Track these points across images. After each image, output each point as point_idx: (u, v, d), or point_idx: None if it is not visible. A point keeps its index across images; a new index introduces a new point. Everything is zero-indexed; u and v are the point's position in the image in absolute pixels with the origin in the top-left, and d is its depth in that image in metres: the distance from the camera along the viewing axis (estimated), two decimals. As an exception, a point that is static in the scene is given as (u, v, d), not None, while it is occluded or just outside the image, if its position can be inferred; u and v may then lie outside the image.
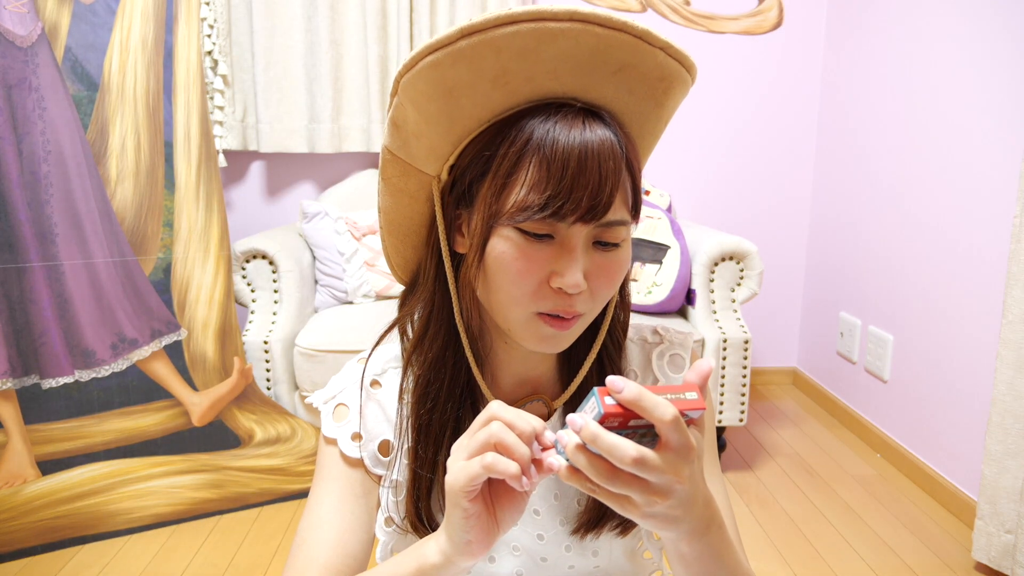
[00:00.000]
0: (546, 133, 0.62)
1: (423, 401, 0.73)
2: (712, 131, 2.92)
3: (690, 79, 0.67)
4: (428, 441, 0.72)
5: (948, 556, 1.91)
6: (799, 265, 3.07)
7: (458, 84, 0.63)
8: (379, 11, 2.59)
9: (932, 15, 2.24)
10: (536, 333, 0.67)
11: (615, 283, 0.68)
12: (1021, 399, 1.68)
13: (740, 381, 2.25)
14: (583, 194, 0.61)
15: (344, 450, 0.74)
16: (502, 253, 0.64)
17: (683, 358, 0.80)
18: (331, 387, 0.78)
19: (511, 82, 0.63)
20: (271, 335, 2.17)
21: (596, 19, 0.60)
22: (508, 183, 0.63)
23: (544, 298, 0.65)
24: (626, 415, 0.51)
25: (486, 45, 0.61)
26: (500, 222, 0.64)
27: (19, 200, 1.84)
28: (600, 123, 0.63)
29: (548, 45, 0.61)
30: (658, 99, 0.66)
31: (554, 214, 0.61)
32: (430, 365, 0.73)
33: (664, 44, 0.63)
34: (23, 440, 1.88)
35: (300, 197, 2.83)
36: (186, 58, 2.03)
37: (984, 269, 2.02)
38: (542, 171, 0.61)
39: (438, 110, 0.65)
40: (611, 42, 0.61)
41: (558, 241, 0.64)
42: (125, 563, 1.84)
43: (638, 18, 3.09)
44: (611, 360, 0.76)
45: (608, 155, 0.62)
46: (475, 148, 0.66)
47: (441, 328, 0.72)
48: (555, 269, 0.64)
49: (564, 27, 0.60)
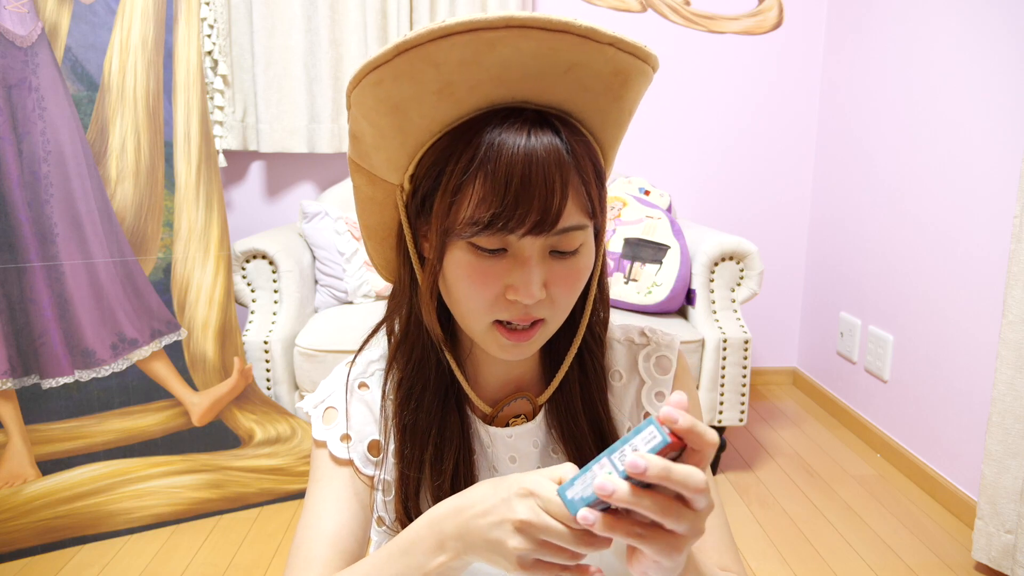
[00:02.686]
0: (491, 146, 0.61)
1: (407, 402, 0.73)
2: (712, 131, 2.92)
3: (649, 69, 0.65)
4: (414, 441, 0.73)
5: (948, 556, 1.91)
6: (799, 265, 3.07)
7: (403, 99, 0.62)
8: (379, 11, 2.59)
9: (932, 15, 2.24)
10: (496, 342, 0.67)
11: (575, 290, 0.68)
12: (1021, 399, 1.68)
13: (740, 381, 2.25)
14: (528, 208, 0.60)
15: (333, 451, 0.75)
16: (456, 268, 0.65)
17: (669, 360, 0.80)
18: (320, 391, 0.79)
19: (456, 92, 0.62)
20: (271, 335, 2.17)
21: (534, 23, 0.59)
22: (456, 199, 0.63)
23: (501, 308, 0.65)
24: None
25: (423, 60, 0.60)
26: (452, 238, 0.64)
27: (19, 200, 1.84)
28: (548, 130, 0.62)
29: (487, 54, 0.60)
30: (616, 93, 0.65)
31: (501, 230, 0.61)
32: (413, 366, 0.73)
33: (612, 39, 0.61)
34: (23, 440, 1.88)
35: (300, 197, 2.83)
36: (186, 58, 2.03)
37: (984, 269, 2.02)
38: (487, 187, 0.61)
39: (389, 124, 0.65)
40: (554, 44, 0.60)
41: (511, 254, 0.64)
42: (125, 563, 1.84)
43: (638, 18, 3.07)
44: (592, 357, 0.76)
45: (555, 165, 0.61)
46: (430, 159, 0.66)
47: (421, 330, 0.73)
48: (510, 282, 0.64)
49: (500, 35, 0.59)
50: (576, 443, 0.75)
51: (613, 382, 0.79)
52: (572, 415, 0.75)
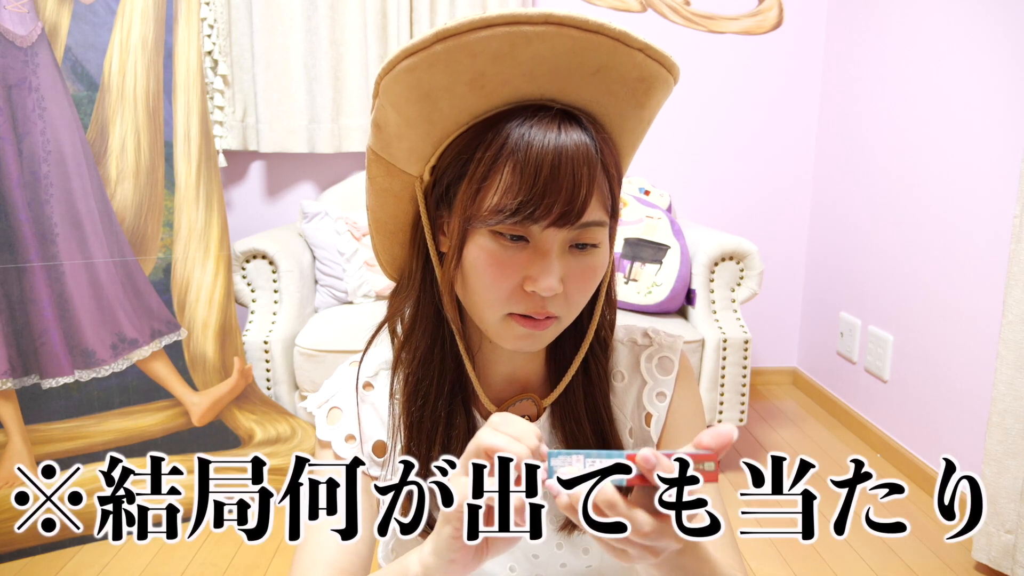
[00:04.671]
0: (521, 137, 0.62)
1: (414, 398, 0.74)
2: (712, 131, 2.92)
3: (672, 79, 0.66)
4: (421, 438, 0.73)
5: (948, 556, 1.91)
6: (799, 265, 3.07)
7: (435, 87, 0.63)
8: (379, 11, 2.59)
9: (932, 15, 2.24)
10: (510, 333, 0.68)
11: (590, 287, 0.68)
12: (1021, 399, 1.68)
13: (740, 381, 2.25)
14: (555, 199, 0.61)
15: (338, 452, 0.75)
16: (477, 257, 0.65)
17: (672, 360, 0.80)
18: (324, 391, 0.79)
19: (488, 85, 0.63)
20: (271, 335, 2.17)
21: (571, 22, 0.60)
22: (483, 187, 0.63)
23: (518, 300, 0.66)
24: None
25: (461, 49, 0.61)
26: (475, 225, 0.64)
27: (19, 200, 1.84)
28: (576, 127, 0.63)
29: (523, 48, 0.60)
30: (639, 100, 0.66)
31: (526, 219, 0.62)
32: (419, 362, 0.74)
33: (643, 45, 0.62)
34: (23, 440, 1.88)
35: (300, 197, 2.83)
36: (186, 58, 2.03)
37: (984, 269, 2.02)
38: (515, 176, 0.61)
39: (417, 113, 0.65)
40: (587, 44, 0.61)
41: (532, 245, 0.64)
42: (125, 563, 1.84)
43: (638, 18, 3.07)
44: (597, 360, 0.77)
45: (583, 160, 0.62)
46: (454, 150, 0.66)
47: (428, 325, 0.73)
48: (529, 273, 0.64)
49: (539, 30, 0.60)
50: (578, 446, 0.75)
51: (615, 383, 0.80)
52: (575, 418, 0.76)
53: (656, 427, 0.79)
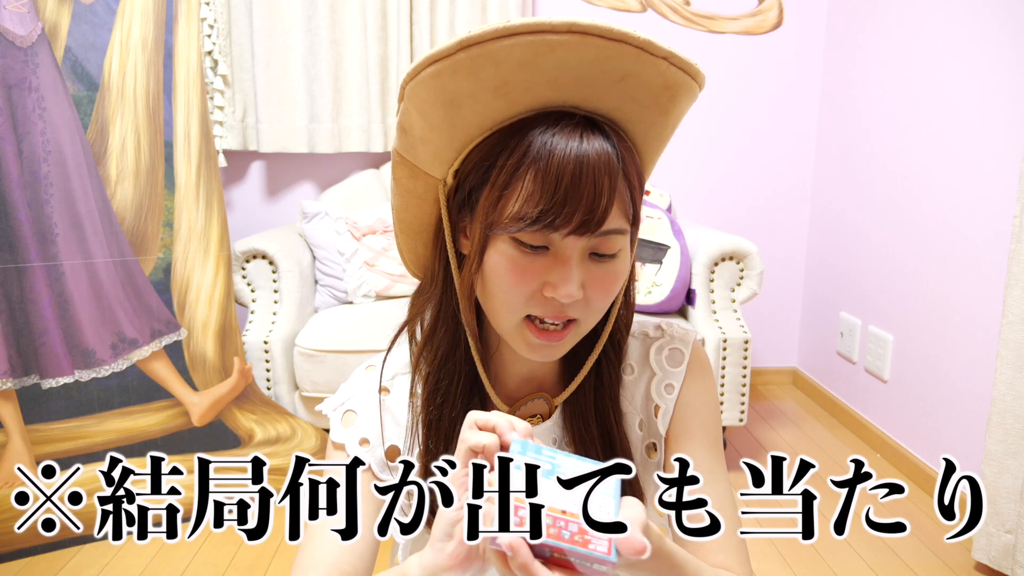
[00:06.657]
0: (543, 145, 0.62)
1: (433, 397, 0.75)
2: (712, 131, 2.92)
3: (696, 87, 0.66)
4: (438, 436, 0.74)
5: (948, 556, 1.91)
6: (799, 265, 3.07)
7: (459, 94, 0.63)
8: (379, 11, 2.59)
9: (932, 15, 2.24)
10: (525, 341, 0.68)
11: (611, 294, 0.68)
12: (1021, 399, 1.68)
13: (740, 381, 2.25)
14: (576, 208, 0.61)
15: (352, 455, 0.76)
16: (497, 263, 0.65)
17: (683, 352, 0.80)
18: (340, 394, 0.80)
19: (512, 92, 0.63)
20: (271, 335, 2.17)
21: (595, 30, 0.60)
22: (505, 194, 0.64)
23: (536, 304, 0.66)
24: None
25: (485, 57, 0.61)
26: (496, 232, 0.65)
27: (19, 200, 1.84)
28: (599, 135, 0.63)
29: (546, 57, 0.61)
30: (663, 107, 0.66)
31: (547, 226, 0.62)
32: (439, 362, 0.74)
33: (667, 54, 0.62)
34: (23, 440, 1.88)
35: (300, 197, 2.83)
36: (186, 58, 2.03)
37: (984, 269, 2.02)
38: (537, 183, 0.62)
39: (441, 118, 0.65)
40: (611, 53, 0.61)
41: (553, 252, 0.64)
42: (125, 563, 1.84)
43: (638, 18, 3.07)
44: (609, 361, 0.77)
45: (604, 168, 0.62)
46: (477, 156, 0.67)
47: (448, 327, 0.74)
48: (549, 280, 0.65)
49: (563, 39, 0.60)
50: (584, 447, 0.76)
51: (624, 376, 0.80)
52: (583, 419, 0.76)
53: (664, 419, 0.79)
